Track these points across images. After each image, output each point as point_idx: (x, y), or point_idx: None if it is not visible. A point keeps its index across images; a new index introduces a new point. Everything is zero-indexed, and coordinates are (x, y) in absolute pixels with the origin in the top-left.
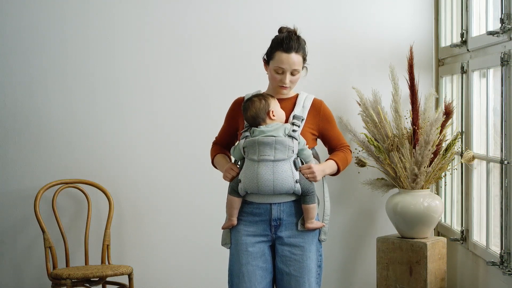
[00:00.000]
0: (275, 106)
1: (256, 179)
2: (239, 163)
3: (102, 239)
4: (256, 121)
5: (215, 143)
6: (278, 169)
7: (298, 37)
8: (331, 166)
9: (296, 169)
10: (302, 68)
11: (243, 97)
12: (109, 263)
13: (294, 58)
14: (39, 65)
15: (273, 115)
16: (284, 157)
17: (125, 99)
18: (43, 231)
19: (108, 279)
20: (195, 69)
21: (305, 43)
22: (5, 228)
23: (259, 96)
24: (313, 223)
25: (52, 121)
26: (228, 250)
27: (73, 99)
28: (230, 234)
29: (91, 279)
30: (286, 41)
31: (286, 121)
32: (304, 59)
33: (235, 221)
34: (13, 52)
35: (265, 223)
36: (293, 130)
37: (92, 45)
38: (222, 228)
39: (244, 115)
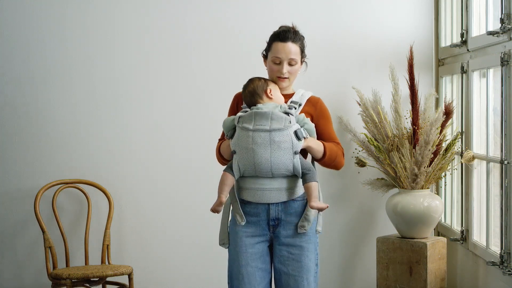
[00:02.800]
0: (274, 88)
1: (252, 152)
2: (227, 135)
3: (102, 239)
4: (253, 98)
5: (220, 140)
6: (276, 139)
7: (296, 31)
8: (318, 144)
9: (299, 139)
10: (301, 62)
11: None
12: (109, 263)
13: (291, 47)
14: (40, 65)
15: (271, 94)
16: (280, 126)
17: (125, 100)
18: (43, 231)
19: (108, 279)
20: (195, 69)
21: (303, 37)
22: (5, 228)
23: (260, 77)
24: (317, 203)
25: (52, 121)
26: (227, 250)
27: (73, 99)
28: (228, 234)
29: (91, 279)
30: (283, 33)
31: None
32: (302, 51)
33: (223, 198)
34: (13, 52)
35: (263, 223)
36: (289, 107)
37: (92, 45)
38: (211, 209)
39: (243, 93)
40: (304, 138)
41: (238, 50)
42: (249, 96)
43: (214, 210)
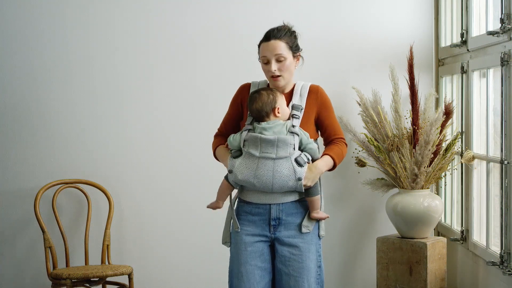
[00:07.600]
0: (282, 103)
1: (253, 177)
2: (231, 151)
3: (102, 239)
4: (260, 115)
5: (217, 135)
6: (279, 169)
7: (280, 28)
8: (327, 163)
9: (300, 165)
10: (294, 57)
11: (249, 83)
12: (109, 263)
13: (274, 43)
14: (40, 65)
15: (278, 112)
16: (286, 154)
17: (125, 99)
18: (43, 231)
19: (108, 279)
20: (194, 69)
21: (292, 33)
22: (5, 228)
23: (268, 90)
24: (319, 213)
25: (52, 121)
26: (228, 250)
27: (74, 99)
28: (230, 233)
29: (91, 279)
30: (266, 33)
31: None
32: (291, 47)
33: (221, 205)
34: (14, 53)
35: (264, 223)
36: (293, 126)
37: (92, 46)
38: (207, 206)
39: (249, 107)
40: (307, 162)
41: (238, 49)
42: (255, 112)
43: (210, 208)
